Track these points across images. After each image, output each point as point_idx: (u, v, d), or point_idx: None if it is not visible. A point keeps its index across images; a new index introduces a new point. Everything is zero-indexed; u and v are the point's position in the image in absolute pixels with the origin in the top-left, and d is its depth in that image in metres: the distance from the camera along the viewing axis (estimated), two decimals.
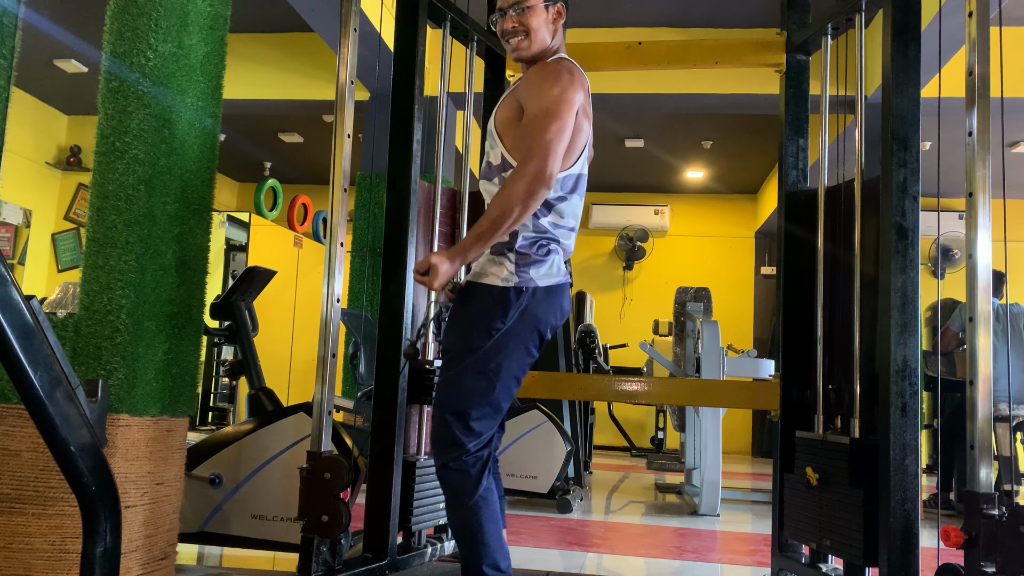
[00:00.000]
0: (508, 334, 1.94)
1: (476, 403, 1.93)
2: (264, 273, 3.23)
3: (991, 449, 1.85)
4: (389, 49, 4.95)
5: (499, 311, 1.94)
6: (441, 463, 1.95)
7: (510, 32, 2.04)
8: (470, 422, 1.93)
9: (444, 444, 1.95)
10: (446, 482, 1.95)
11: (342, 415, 4.64)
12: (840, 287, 2.47)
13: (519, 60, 2.09)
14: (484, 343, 1.93)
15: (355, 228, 5.88)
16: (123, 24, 2.14)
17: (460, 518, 1.93)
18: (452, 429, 1.93)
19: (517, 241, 1.97)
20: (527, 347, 1.97)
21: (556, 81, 1.93)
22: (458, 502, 1.93)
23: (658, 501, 5.05)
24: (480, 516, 1.91)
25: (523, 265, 1.96)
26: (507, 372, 1.95)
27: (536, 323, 1.97)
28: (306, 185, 9.70)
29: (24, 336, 1.34)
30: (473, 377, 1.94)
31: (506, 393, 1.97)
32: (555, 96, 1.91)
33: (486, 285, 1.97)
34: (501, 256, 1.98)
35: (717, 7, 5.49)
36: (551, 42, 2.07)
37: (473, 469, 1.93)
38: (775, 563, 2.62)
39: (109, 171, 2.10)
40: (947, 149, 6.09)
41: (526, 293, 1.95)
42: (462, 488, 1.92)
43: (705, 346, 4.40)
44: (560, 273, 2.02)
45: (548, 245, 1.99)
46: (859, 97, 2.40)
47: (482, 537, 1.91)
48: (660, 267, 9.65)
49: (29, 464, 1.95)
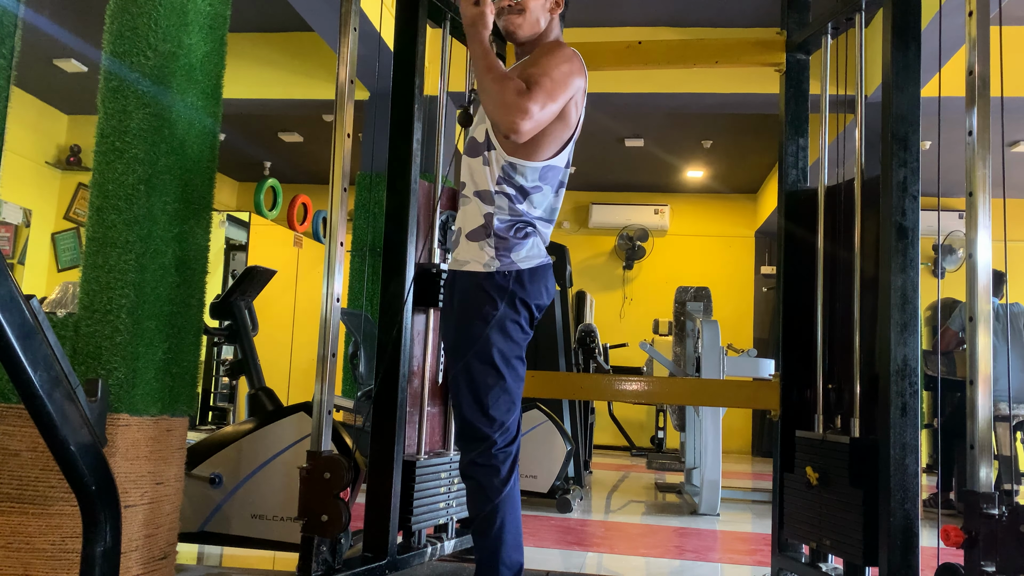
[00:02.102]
0: (502, 318, 1.95)
1: (489, 390, 1.93)
2: (264, 273, 3.23)
3: (991, 448, 1.85)
4: (389, 49, 4.95)
5: (487, 297, 1.95)
6: (468, 459, 1.94)
7: (505, 8, 2.04)
8: (489, 411, 1.93)
9: (469, 439, 1.94)
10: (472, 477, 1.93)
11: (342, 415, 4.64)
12: (840, 287, 2.47)
13: (509, 38, 2.09)
14: (481, 331, 1.94)
15: (355, 228, 5.88)
16: (123, 24, 2.14)
17: (485, 514, 1.91)
18: (474, 423, 1.93)
19: (494, 224, 1.98)
20: (522, 327, 1.98)
21: (566, 60, 1.96)
22: (484, 498, 1.91)
23: (658, 501, 5.05)
24: (504, 513, 1.90)
25: (503, 249, 1.97)
26: (510, 354, 1.96)
27: (526, 303, 1.98)
28: (306, 185, 9.70)
29: (24, 336, 1.34)
30: (480, 367, 1.94)
31: (515, 376, 1.97)
32: (564, 71, 1.93)
33: (470, 273, 1.98)
34: (481, 242, 1.99)
35: (717, 6, 5.49)
36: (544, 28, 2.08)
37: (503, 466, 1.92)
38: (775, 562, 2.62)
39: (109, 171, 2.10)
40: (947, 148, 6.09)
41: (510, 276, 1.96)
42: (490, 484, 1.91)
43: (705, 346, 4.40)
44: (541, 254, 2.03)
45: (525, 228, 2.00)
46: (859, 97, 2.40)
47: (504, 535, 1.90)
48: (660, 267, 9.65)
49: (29, 464, 1.94)
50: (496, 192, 1.99)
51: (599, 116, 6.81)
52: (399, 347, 2.37)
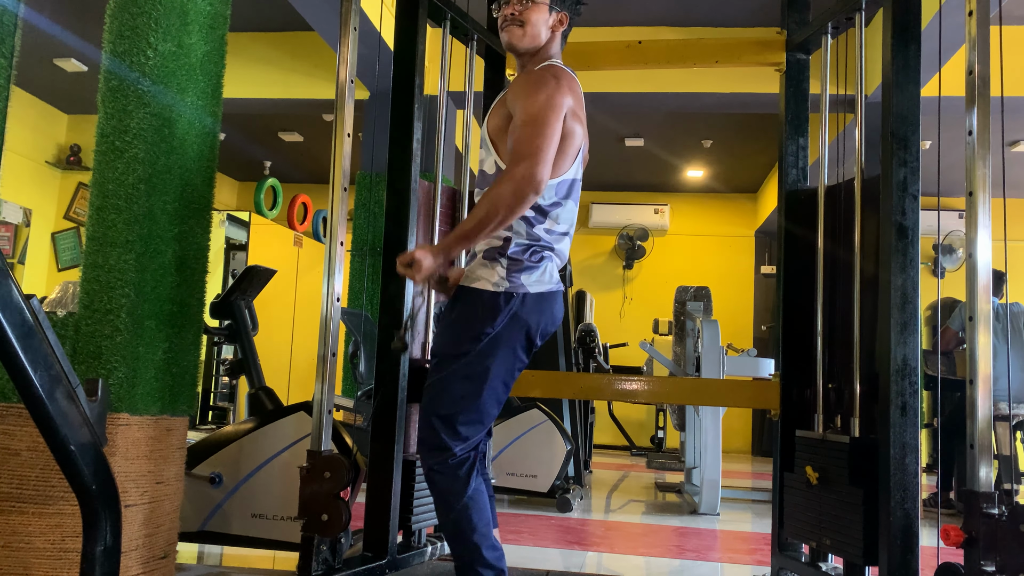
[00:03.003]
0: (497, 339, 1.93)
1: (463, 407, 1.93)
2: (264, 272, 3.23)
3: (991, 448, 1.85)
4: (389, 48, 4.95)
5: (488, 316, 1.93)
6: (428, 466, 1.96)
7: (508, 19, 2.04)
8: (457, 426, 1.93)
9: (430, 448, 1.95)
10: (434, 484, 1.95)
11: (342, 414, 4.65)
12: (840, 286, 2.47)
13: (509, 49, 2.09)
14: (472, 347, 1.93)
15: (355, 227, 5.88)
16: (123, 23, 2.14)
17: (451, 520, 1.93)
18: (439, 433, 1.93)
19: (510, 247, 1.97)
20: (516, 352, 1.97)
21: (542, 87, 1.93)
22: (447, 505, 1.93)
23: (658, 500, 5.05)
24: (471, 517, 1.91)
25: (515, 271, 1.96)
26: (495, 377, 1.95)
27: (526, 328, 1.96)
28: (306, 184, 9.70)
29: (24, 335, 1.34)
30: (461, 382, 1.94)
31: (493, 398, 1.96)
32: (541, 102, 1.90)
33: (476, 290, 1.97)
34: (493, 261, 1.98)
35: (717, 6, 5.49)
36: (545, 44, 2.07)
37: (460, 471, 1.93)
38: (775, 562, 2.62)
39: (109, 170, 2.10)
40: (947, 148, 6.09)
41: (516, 298, 1.94)
42: (451, 490, 1.93)
43: (705, 345, 4.40)
44: (552, 280, 2.02)
45: (542, 252, 2.00)
46: (859, 96, 2.40)
47: (474, 537, 1.91)
48: (660, 266, 9.65)
49: (29, 463, 1.94)
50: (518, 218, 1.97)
51: (599, 116, 6.82)
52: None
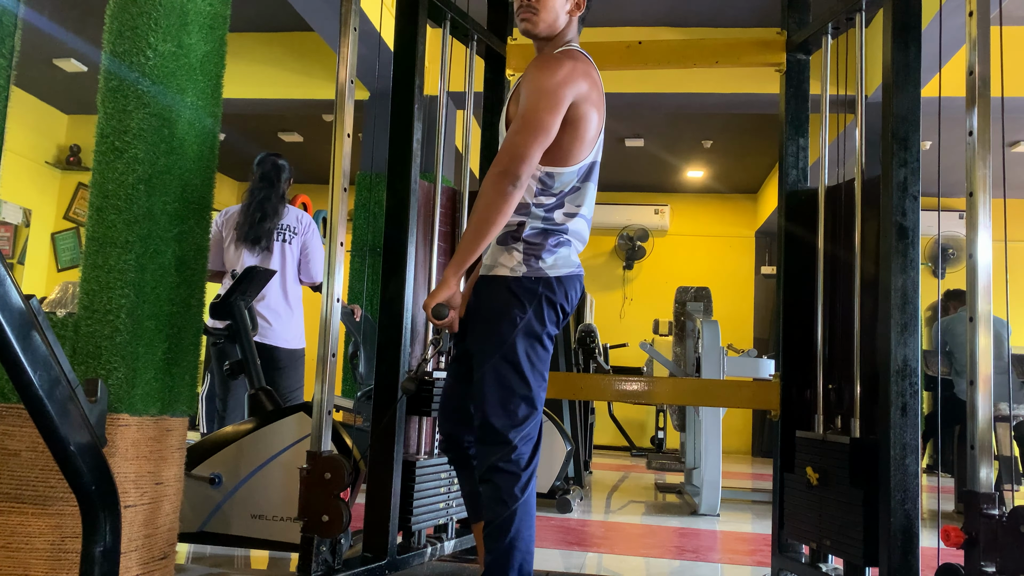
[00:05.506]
0: (529, 323, 1.92)
1: (514, 394, 1.90)
2: (264, 273, 3.22)
3: (991, 449, 1.85)
4: (389, 48, 4.95)
5: (517, 302, 1.92)
6: (490, 464, 1.90)
7: (525, 5, 2.02)
8: (514, 415, 1.90)
9: (491, 443, 1.91)
10: (492, 481, 1.90)
11: (342, 415, 4.65)
12: (840, 287, 2.46)
13: (526, 35, 2.07)
14: (510, 335, 1.91)
15: (355, 228, 5.88)
16: (123, 23, 2.14)
17: (500, 521, 1.88)
18: (497, 426, 1.90)
19: (525, 231, 1.96)
20: (544, 340, 1.96)
21: (550, 73, 1.92)
22: (501, 503, 1.88)
23: (658, 501, 5.05)
24: (519, 521, 1.87)
25: (532, 255, 1.95)
26: (538, 360, 1.93)
27: (550, 313, 1.95)
28: (306, 184, 9.69)
29: (24, 336, 1.34)
30: (508, 369, 1.91)
31: (539, 383, 1.94)
32: (550, 87, 1.89)
33: (499, 277, 1.95)
34: (510, 246, 1.97)
35: (717, 6, 5.49)
36: (561, 29, 2.05)
37: (524, 472, 1.90)
38: (775, 563, 2.62)
39: (109, 170, 2.10)
40: (947, 149, 6.09)
41: (539, 282, 1.93)
42: (509, 489, 1.88)
43: (705, 346, 4.40)
44: (572, 264, 2.00)
45: (559, 236, 1.98)
46: (859, 97, 2.40)
47: (517, 542, 1.87)
48: (660, 267, 9.65)
49: (29, 464, 1.94)
50: (534, 204, 1.96)
51: None
52: (399, 347, 2.37)
